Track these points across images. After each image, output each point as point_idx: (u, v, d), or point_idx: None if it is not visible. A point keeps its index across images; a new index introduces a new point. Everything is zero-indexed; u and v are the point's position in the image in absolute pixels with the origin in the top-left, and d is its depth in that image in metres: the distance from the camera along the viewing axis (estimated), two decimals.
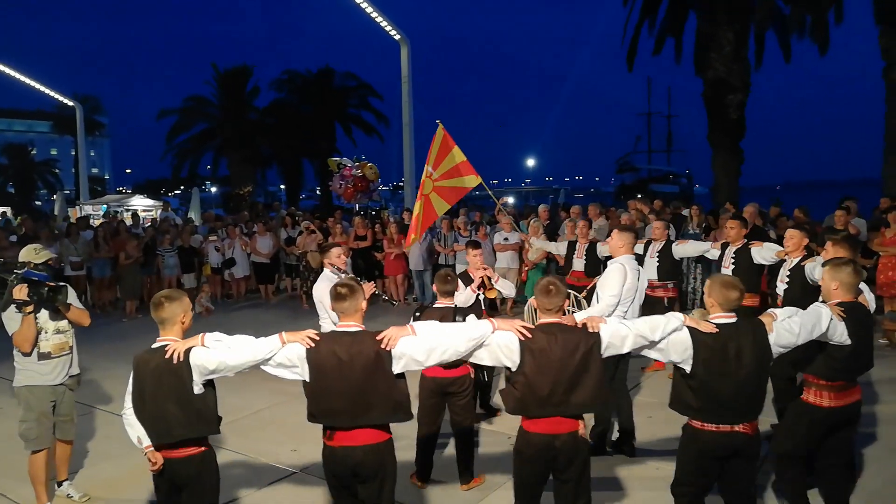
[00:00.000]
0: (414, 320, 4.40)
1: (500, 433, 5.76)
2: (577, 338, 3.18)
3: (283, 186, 40.07)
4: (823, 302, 3.84)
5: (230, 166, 30.55)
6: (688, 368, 3.31)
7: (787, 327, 3.41)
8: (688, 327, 3.29)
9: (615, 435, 5.34)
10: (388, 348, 3.09)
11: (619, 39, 19.06)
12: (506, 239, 10.66)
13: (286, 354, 3.13)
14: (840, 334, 3.60)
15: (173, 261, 12.44)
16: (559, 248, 8.51)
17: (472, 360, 3.28)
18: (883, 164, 13.72)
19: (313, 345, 3.11)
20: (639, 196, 19.76)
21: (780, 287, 5.69)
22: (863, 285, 4.13)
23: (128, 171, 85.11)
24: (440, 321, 4.43)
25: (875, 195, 13.39)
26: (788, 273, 5.68)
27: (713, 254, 6.98)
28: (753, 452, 3.45)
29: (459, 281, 5.75)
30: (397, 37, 16.33)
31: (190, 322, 3.40)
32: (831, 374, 3.74)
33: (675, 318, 3.31)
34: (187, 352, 3.14)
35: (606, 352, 3.21)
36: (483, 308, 5.76)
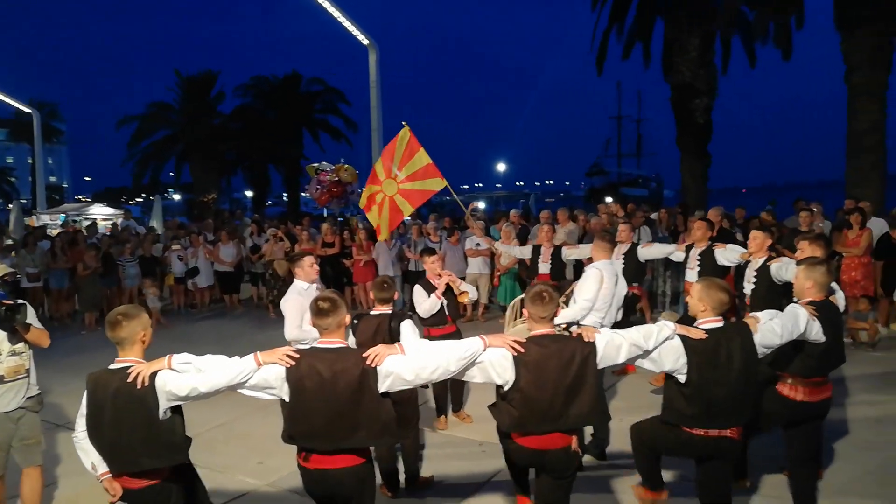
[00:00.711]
0: (352, 329, 4.32)
1: (472, 440, 5.65)
2: (571, 348, 3.10)
3: (248, 193, 39.54)
4: (795, 301, 3.92)
5: (194, 173, 29.95)
6: (682, 378, 3.27)
7: (770, 328, 3.44)
8: (679, 335, 3.26)
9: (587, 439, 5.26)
10: (374, 365, 2.94)
11: (588, 44, 19.20)
12: (477, 244, 10.57)
13: (263, 376, 2.96)
14: (816, 333, 3.65)
15: (134, 271, 12.10)
16: (524, 252, 8.52)
17: (464, 378, 3.15)
18: (845, 166, 13.98)
19: (293, 363, 2.94)
20: (608, 200, 19.93)
21: (748, 287, 5.81)
22: (835, 285, 4.24)
23: (87, 178, 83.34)
24: (377, 329, 4.41)
25: (838, 197, 13.66)
26: (755, 273, 5.79)
27: (678, 256, 7.09)
28: (732, 455, 3.50)
29: (421, 288, 5.67)
30: (366, 42, 16.20)
31: (150, 340, 3.16)
32: (808, 371, 3.83)
33: (666, 327, 3.27)
34: (153, 376, 2.92)
35: (602, 362, 3.14)
36: (447, 314, 5.69)
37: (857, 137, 13.68)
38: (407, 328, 4.41)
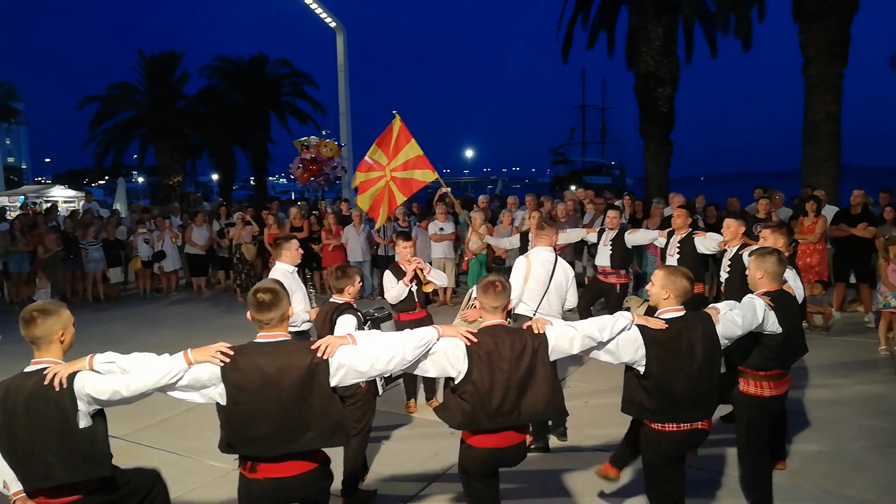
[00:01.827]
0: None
1: (440, 422, 5.73)
2: (523, 340, 2.99)
3: (214, 177, 38.88)
4: (751, 292, 3.89)
5: (158, 156, 29.25)
6: (641, 369, 3.20)
7: (731, 319, 3.38)
8: (637, 325, 3.18)
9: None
10: (325, 357, 2.70)
11: (554, 32, 19.31)
12: (441, 229, 10.66)
13: (194, 376, 2.66)
14: (772, 324, 3.60)
15: (98, 254, 11.92)
16: (513, 242, 8.43)
17: (417, 371, 2.98)
18: (802, 155, 14.38)
19: (228, 360, 2.65)
20: (572, 187, 20.16)
21: (723, 276, 5.84)
22: (792, 274, 4.25)
23: (47, 160, 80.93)
24: (324, 317, 4.26)
25: (794, 186, 14.06)
26: (729, 262, 5.83)
27: (660, 242, 7.20)
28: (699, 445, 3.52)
29: (390, 274, 5.66)
30: (333, 24, 16.05)
31: (71, 340, 2.85)
32: (765, 363, 3.77)
33: (623, 318, 3.17)
34: (71, 377, 2.62)
35: (553, 354, 3.04)
36: (416, 300, 5.66)
37: (813, 127, 14.07)
38: (343, 323, 4.13)
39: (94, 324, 10.45)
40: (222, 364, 2.65)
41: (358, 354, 2.75)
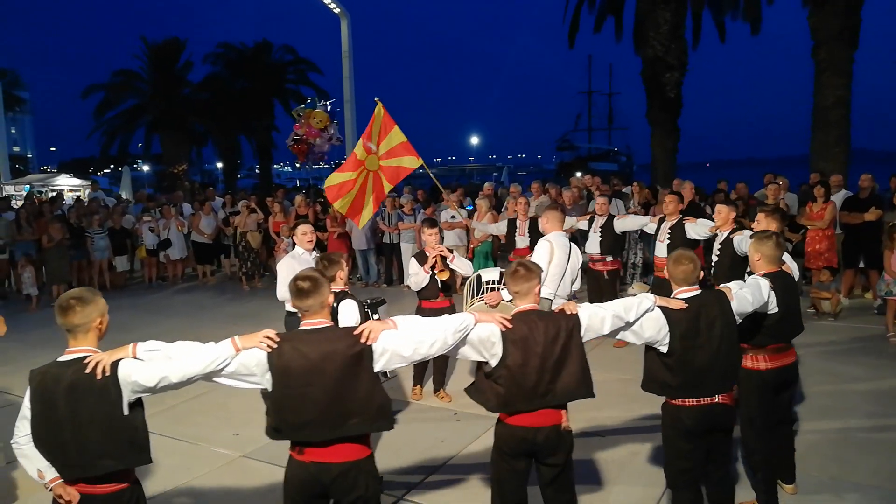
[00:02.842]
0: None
1: (446, 409, 5.75)
2: (556, 323, 3.05)
3: (219, 165, 38.90)
4: (751, 273, 3.98)
5: (163, 144, 29.26)
6: (664, 348, 3.27)
7: (742, 296, 3.49)
8: (659, 307, 3.26)
9: None
10: (368, 343, 2.73)
11: (561, 16, 19.15)
12: (453, 217, 10.62)
13: (242, 362, 2.69)
14: (772, 303, 3.72)
15: (104, 243, 11.95)
16: (500, 228, 8.48)
17: (456, 356, 3.04)
18: (811, 140, 14.25)
19: (275, 347, 2.69)
20: (578, 174, 20.06)
21: (714, 259, 5.97)
22: (786, 256, 4.27)
23: (52, 149, 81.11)
24: None
25: (802, 171, 13.94)
26: (719, 246, 5.96)
27: (651, 228, 7.18)
28: (731, 424, 3.53)
29: (415, 261, 5.61)
30: (337, 10, 15.94)
31: (106, 327, 2.81)
32: (763, 340, 3.87)
33: (646, 299, 3.26)
34: (114, 365, 2.60)
35: (586, 335, 3.11)
36: (439, 289, 5.62)
37: (823, 112, 13.94)
38: (346, 309, 4.16)
39: None
40: (269, 350, 2.68)
41: (402, 339, 2.79)
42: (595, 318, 3.11)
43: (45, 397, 2.62)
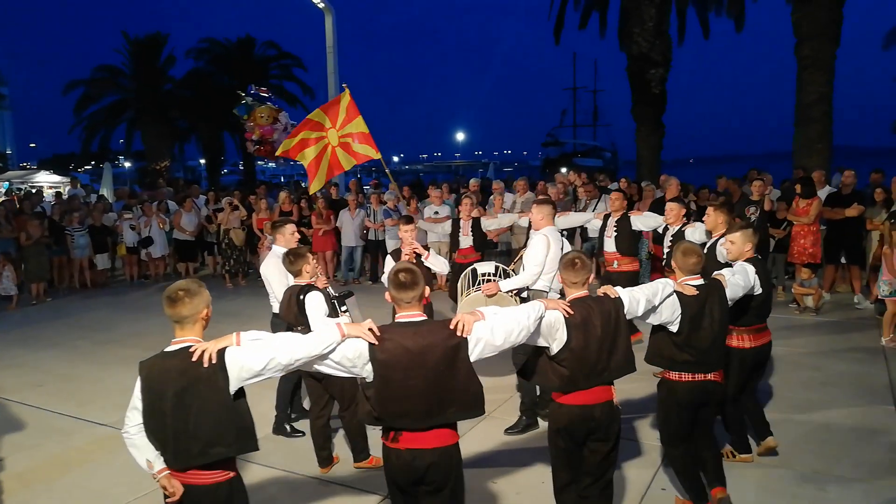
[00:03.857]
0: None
1: None
2: (608, 305, 3.32)
3: (202, 161, 38.53)
4: (729, 264, 4.41)
5: (145, 140, 28.90)
6: (675, 328, 3.65)
7: (735, 283, 3.94)
8: (675, 291, 3.63)
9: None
10: (464, 335, 2.81)
11: (546, 13, 19.15)
12: (436, 213, 10.58)
13: (345, 352, 2.74)
14: (757, 286, 4.20)
15: (84, 240, 11.79)
16: (445, 228, 8.46)
17: (528, 342, 3.14)
18: (794, 137, 14.36)
19: (376, 341, 2.74)
20: (563, 170, 20.10)
21: (666, 251, 6.46)
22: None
23: (32, 145, 79.84)
24: (289, 300, 4.33)
25: (784, 168, 14.05)
26: (671, 238, 6.48)
27: (595, 224, 7.46)
28: (719, 399, 4.04)
29: (391, 259, 5.59)
30: (321, 5, 15.81)
31: (209, 318, 2.85)
32: (749, 320, 4.37)
33: (668, 285, 3.61)
34: (221, 353, 2.64)
35: (627, 314, 3.38)
36: None
37: (806, 109, 14.03)
38: (311, 301, 4.25)
39: (82, 311, 10.36)
40: (375, 342, 2.74)
41: (494, 329, 2.87)
42: (633, 301, 3.39)
43: (154, 387, 2.67)
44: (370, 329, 2.74)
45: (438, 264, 5.66)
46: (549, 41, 20.09)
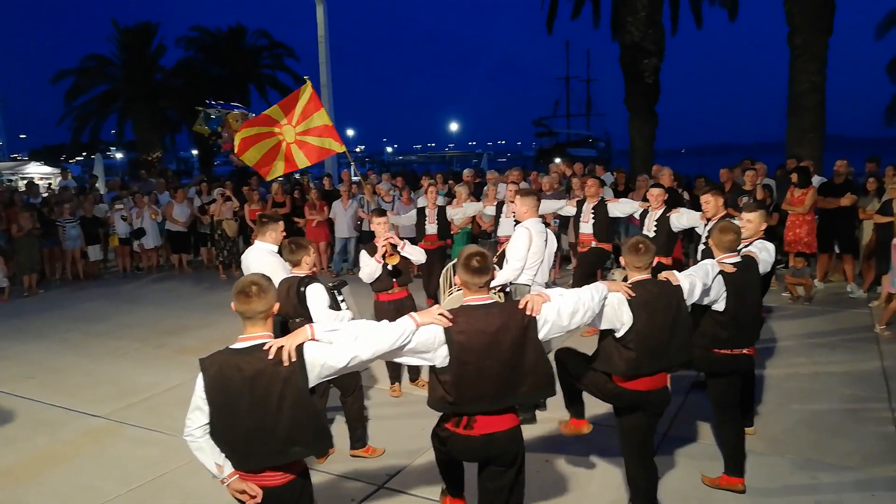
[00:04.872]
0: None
1: (425, 397, 5.72)
2: (669, 290, 3.37)
3: (195, 152, 38.28)
4: (746, 246, 4.29)
5: (136, 130, 28.66)
6: (721, 306, 3.78)
7: (764, 259, 4.19)
8: (720, 272, 3.74)
9: None
10: (533, 314, 2.83)
11: (539, 2, 19.06)
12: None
13: (422, 339, 2.72)
14: (764, 263, 4.24)
15: (75, 232, 11.71)
16: (411, 219, 8.52)
17: (591, 325, 3.20)
18: (787, 126, 14.37)
19: (450, 324, 2.73)
20: (557, 160, 20.07)
21: (650, 234, 6.58)
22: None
23: (22, 136, 79.12)
24: (287, 292, 4.31)
25: (777, 158, 14.06)
26: (655, 223, 6.68)
27: (568, 211, 7.62)
28: (752, 370, 4.48)
29: (365, 252, 5.54)
30: None
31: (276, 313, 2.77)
32: None
33: (713, 267, 3.71)
34: (299, 349, 2.56)
35: (687, 300, 3.45)
36: (392, 280, 5.48)
37: (798, 98, 14.03)
38: (313, 292, 4.25)
39: (75, 302, 10.31)
40: (449, 325, 2.73)
41: (561, 309, 2.90)
42: (691, 285, 3.47)
43: (225, 386, 2.55)
44: (441, 314, 2.74)
45: (415, 254, 5.65)
46: (543, 30, 19.98)
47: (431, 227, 8.36)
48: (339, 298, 4.49)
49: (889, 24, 18.34)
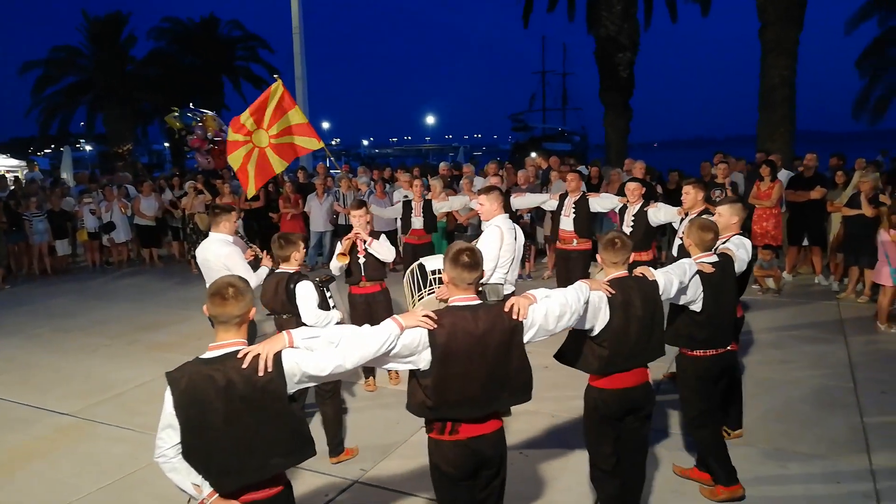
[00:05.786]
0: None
1: (400, 392, 5.70)
2: (645, 286, 3.31)
3: (167, 144, 37.71)
4: (723, 242, 4.27)
5: (107, 123, 28.11)
6: (698, 307, 3.70)
7: (740, 256, 4.09)
8: (698, 272, 3.68)
9: None
10: (520, 318, 2.72)
11: None
12: (405, 197, 10.50)
13: (405, 342, 2.58)
14: (741, 262, 4.19)
15: (42, 226, 11.49)
16: (396, 211, 8.64)
17: (577, 325, 3.10)
18: (758, 120, 14.55)
19: (435, 326, 2.62)
20: (533, 154, 20.14)
21: (628, 230, 6.54)
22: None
23: None
24: (276, 288, 4.28)
25: (748, 151, 14.24)
26: (633, 218, 6.63)
27: (551, 205, 7.51)
28: (737, 367, 4.46)
29: (339, 246, 5.44)
30: None
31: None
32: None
33: (692, 265, 3.63)
34: (277, 357, 2.40)
35: (662, 296, 3.39)
36: (363, 273, 5.41)
37: (769, 93, 14.21)
38: (303, 290, 4.21)
39: (43, 298, 10.10)
40: (433, 328, 2.61)
41: (547, 312, 2.80)
42: (668, 282, 3.40)
43: (197, 399, 2.34)
44: (426, 316, 2.62)
45: (383, 251, 5.39)
46: (519, 24, 20.01)
47: (417, 221, 8.39)
48: (328, 295, 4.44)
49: (859, 19, 18.66)
